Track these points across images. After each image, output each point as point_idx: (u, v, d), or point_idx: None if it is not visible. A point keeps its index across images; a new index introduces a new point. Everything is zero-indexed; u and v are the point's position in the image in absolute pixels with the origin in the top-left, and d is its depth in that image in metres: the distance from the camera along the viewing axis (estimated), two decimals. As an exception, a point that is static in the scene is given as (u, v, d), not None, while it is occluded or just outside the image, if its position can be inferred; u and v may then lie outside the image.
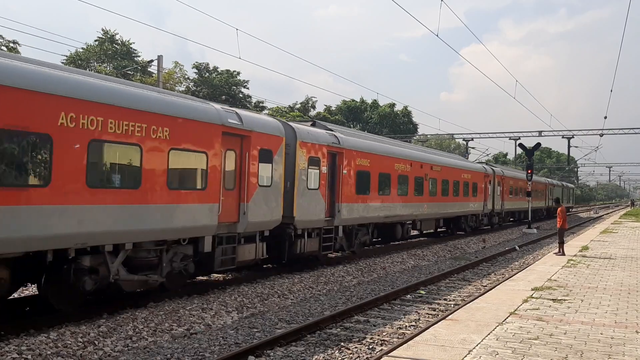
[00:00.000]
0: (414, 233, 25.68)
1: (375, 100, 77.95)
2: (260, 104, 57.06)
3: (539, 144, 39.86)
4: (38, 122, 8.16)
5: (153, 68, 46.24)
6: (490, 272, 18.11)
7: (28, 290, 11.86)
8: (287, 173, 14.25)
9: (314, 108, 70.85)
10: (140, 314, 9.83)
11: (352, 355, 8.49)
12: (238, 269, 13.75)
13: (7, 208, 7.79)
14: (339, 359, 8.35)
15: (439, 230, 28.75)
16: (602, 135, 54.59)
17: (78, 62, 47.47)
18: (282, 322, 10.42)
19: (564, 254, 18.30)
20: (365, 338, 9.43)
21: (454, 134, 67.28)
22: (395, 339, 9.32)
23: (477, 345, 7.26)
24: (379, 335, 9.65)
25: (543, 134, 56.15)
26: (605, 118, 48.41)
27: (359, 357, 8.46)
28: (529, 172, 36.99)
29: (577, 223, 47.07)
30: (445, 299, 13.23)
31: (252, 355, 8.14)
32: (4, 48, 36.48)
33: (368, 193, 18.27)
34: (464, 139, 62.70)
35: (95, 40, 50.84)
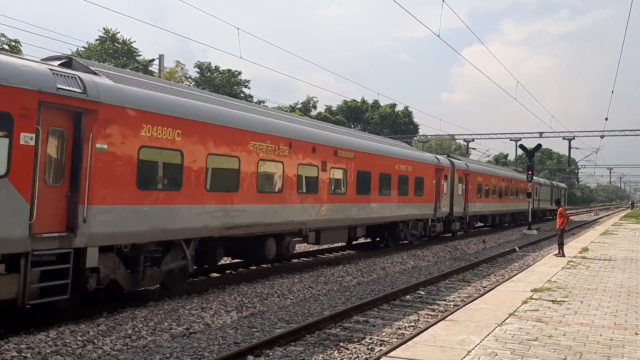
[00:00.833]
0: (309, 246, 20.42)
1: (376, 101, 78.06)
2: (262, 104, 57.11)
3: (540, 145, 39.92)
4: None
5: (154, 67, 46.30)
6: (490, 273, 18.10)
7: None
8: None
9: (315, 108, 70.98)
10: (140, 313, 9.85)
11: (351, 356, 8.49)
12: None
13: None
14: (338, 359, 8.36)
15: (364, 242, 22.78)
16: (602, 137, 54.70)
17: (79, 61, 47.34)
18: (281, 322, 10.43)
19: (564, 256, 18.30)
20: (365, 338, 9.44)
21: (455, 135, 67.37)
22: (395, 340, 9.33)
23: (476, 346, 7.27)
24: (378, 336, 9.66)
25: (544, 135, 56.23)
26: (606, 119, 48.20)
27: (358, 357, 8.46)
28: (530, 173, 37.06)
29: (576, 225, 47.04)
30: (445, 300, 13.24)
31: (251, 355, 8.15)
32: (6, 47, 36.44)
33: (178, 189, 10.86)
34: (465, 140, 62.78)
35: (97, 40, 50.90)
